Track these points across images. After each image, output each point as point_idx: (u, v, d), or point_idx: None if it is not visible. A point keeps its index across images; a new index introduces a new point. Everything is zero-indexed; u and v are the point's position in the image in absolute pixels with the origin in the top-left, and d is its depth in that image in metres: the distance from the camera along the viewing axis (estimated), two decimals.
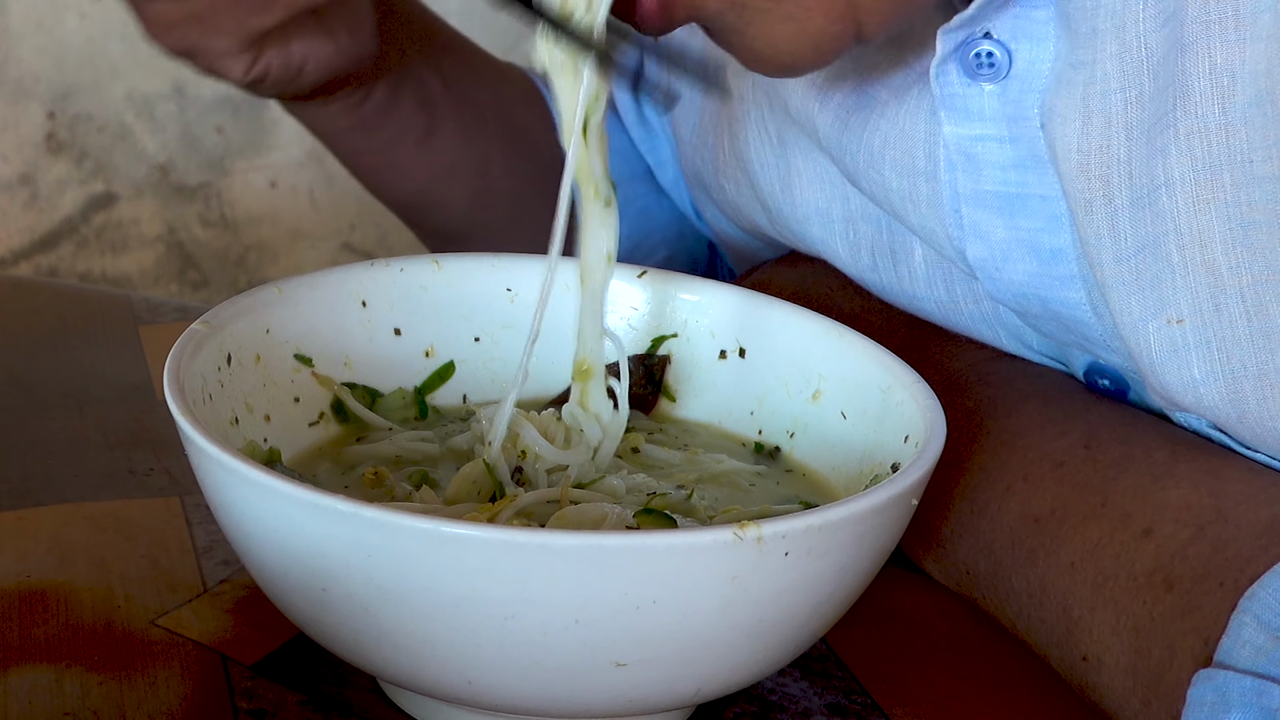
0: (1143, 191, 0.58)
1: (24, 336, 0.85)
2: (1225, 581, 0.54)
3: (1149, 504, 0.58)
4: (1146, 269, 0.58)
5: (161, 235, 2.04)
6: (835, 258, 0.73)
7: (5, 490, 0.69)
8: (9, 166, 1.98)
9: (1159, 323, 0.59)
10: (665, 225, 0.94)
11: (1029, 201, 0.62)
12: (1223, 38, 0.55)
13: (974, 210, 0.64)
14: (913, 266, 0.70)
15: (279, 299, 0.63)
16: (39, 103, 1.97)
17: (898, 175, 0.66)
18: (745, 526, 0.48)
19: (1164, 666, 0.54)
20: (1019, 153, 0.62)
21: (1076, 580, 0.58)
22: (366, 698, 0.57)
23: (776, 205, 0.75)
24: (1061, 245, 0.62)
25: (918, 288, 0.70)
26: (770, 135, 0.74)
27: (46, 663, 0.57)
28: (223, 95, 2.02)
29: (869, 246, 0.71)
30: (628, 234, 0.93)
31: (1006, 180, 0.63)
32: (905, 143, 0.65)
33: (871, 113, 0.67)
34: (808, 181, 0.73)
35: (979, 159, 0.63)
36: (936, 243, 0.66)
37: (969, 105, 0.62)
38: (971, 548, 0.63)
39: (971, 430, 0.64)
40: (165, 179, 2.03)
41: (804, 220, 0.74)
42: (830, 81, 0.68)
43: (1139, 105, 0.58)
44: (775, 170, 0.75)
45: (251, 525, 0.51)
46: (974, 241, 0.64)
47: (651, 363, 0.68)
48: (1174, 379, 0.59)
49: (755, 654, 0.52)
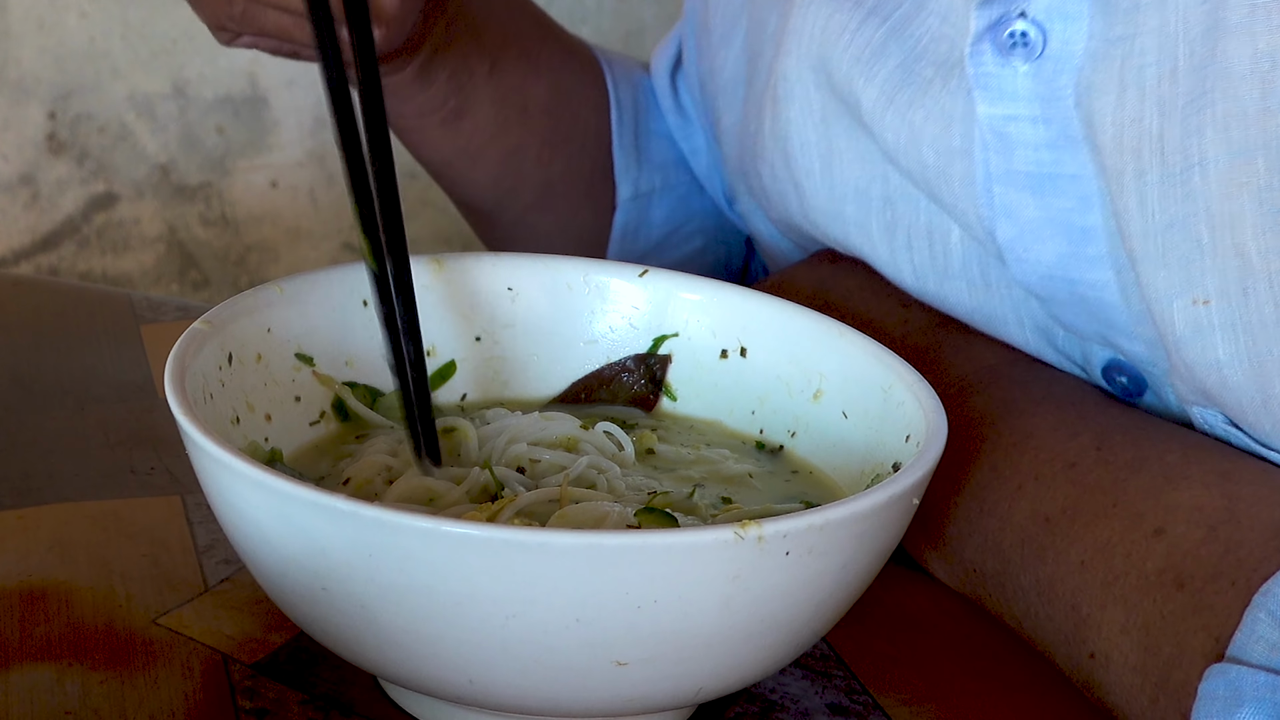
0: (1175, 169, 0.58)
1: (25, 335, 0.85)
2: (1238, 581, 0.54)
3: (1161, 504, 0.58)
4: (1175, 247, 0.59)
5: (162, 235, 2.04)
6: (866, 239, 0.74)
7: (6, 489, 0.69)
8: (9, 166, 1.98)
9: (1184, 302, 0.59)
10: (703, 215, 0.95)
11: (1060, 181, 0.63)
12: (1268, 23, 0.56)
13: (1005, 190, 0.64)
14: (949, 248, 0.70)
15: (280, 298, 0.63)
16: (39, 103, 1.97)
17: (935, 153, 0.66)
18: (746, 526, 0.48)
19: (1173, 664, 0.54)
20: (1051, 132, 0.62)
21: (1086, 578, 0.58)
22: (367, 697, 0.57)
23: (813, 186, 0.76)
24: (1092, 225, 0.62)
25: (952, 269, 0.70)
26: (814, 113, 0.75)
27: (47, 662, 0.57)
28: (223, 95, 2.02)
29: (906, 227, 0.71)
30: (664, 220, 0.94)
31: (1039, 160, 0.63)
32: (944, 120, 0.66)
33: (915, 90, 0.67)
34: (849, 160, 0.73)
35: (1011, 138, 0.63)
36: (967, 223, 0.67)
37: (1003, 85, 0.63)
38: (979, 546, 0.63)
39: (982, 431, 0.64)
40: (166, 179, 2.03)
41: (840, 199, 0.74)
42: (876, 57, 0.69)
43: (1172, 80, 0.58)
44: (815, 149, 0.75)
45: (252, 524, 0.51)
46: (1004, 221, 0.64)
47: (653, 362, 0.68)
48: (1198, 359, 0.59)
49: (756, 653, 0.52)
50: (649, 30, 2.05)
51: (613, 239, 0.93)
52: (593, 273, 0.68)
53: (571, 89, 0.90)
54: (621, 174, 0.92)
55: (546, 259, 0.68)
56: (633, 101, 0.93)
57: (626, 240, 0.93)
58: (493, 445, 0.62)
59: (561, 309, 0.68)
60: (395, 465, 0.60)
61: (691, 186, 0.94)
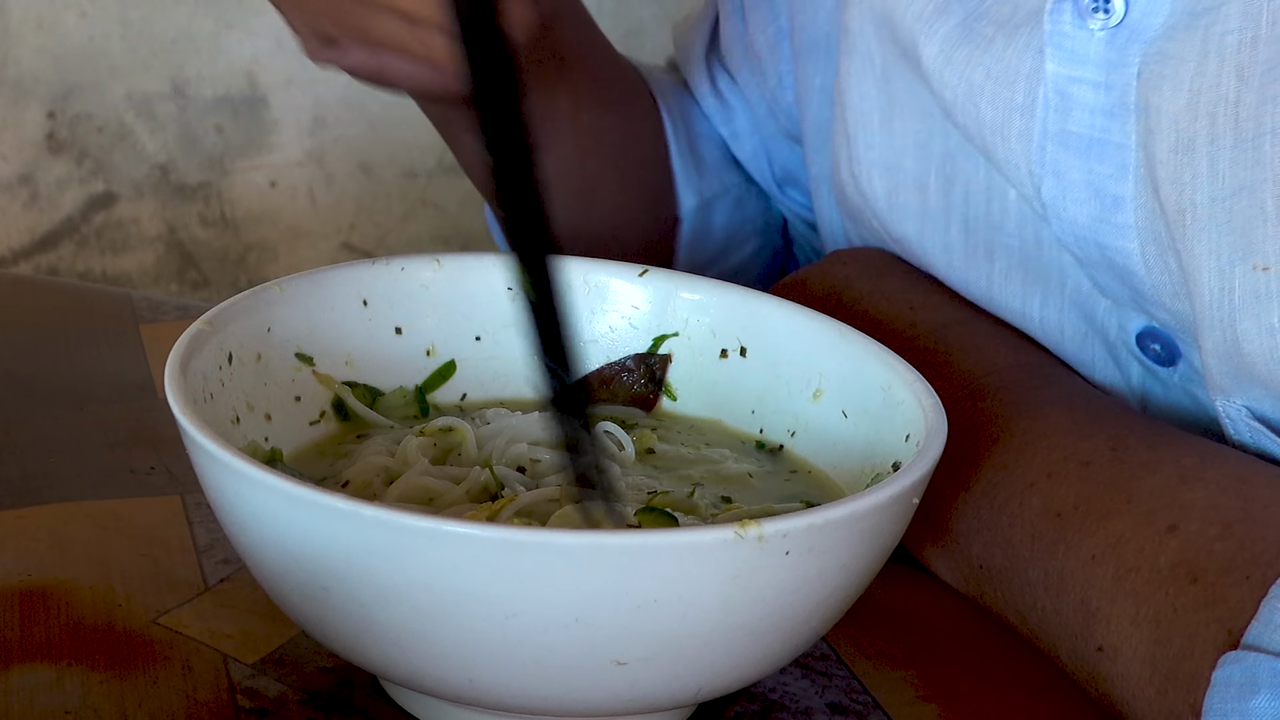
0: (1247, 135, 0.59)
1: (25, 335, 0.85)
2: (1253, 575, 0.54)
3: (1176, 503, 0.58)
4: (1240, 213, 0.60)
5: (161, 235, 2.04)
6: (919, 193, 0.75)
7: (6, 489, 0.69)
8: (9, 166, 1.98)
9: (1245, 268, 0.60)
10: (755, 217, 0.95)
11: (1106, 148, 0.64)
12: None
13: (1057, 149, 0.66)
14: (1005, 205, 0.71)
15: (280, 298, 0.63)
16: (39, 102, 1.97)
17: (993, 109, 0.68)
18: (746, 525, 0.48)
19: (1184, 655, 0.54)
20: (1110, 99, 0.64)
21: (1097, 572, 0.58)
22: (367, 696, 0.57)
23: (869, 139, 0.76)
24: (1123, 194, 0.64)
25: (1007, 227, 0.71)
26: (875, 67, 0.76)
27: (47, 661, 0.57)
28: (222, 95, 2.02)
29: (965, 181, 0.73)
30: (724, 225, 0.94)
31: (1092, 124, 0.65)
32: (1008, 77, 0.67)
33: (975, 48, 0.69)
34: (910, 114, 0.75)
35: (1072, 99, 0.65)
36: (1018, 178, 0.68)
37: (1075, 47, 0.65)
38: (988, 543, 0.63)
39: (993, 432, 0.65)
40: (165, 179, 2.03)
41: (900, 152, 0.75)
42: (938, 15, 0.70)
43: (1253, 48, 0.60)
44: (875, 102, 0.76)
45: (252, 524, 0.51)
46: (1050, 179, 0.66)
47: (653, 361, 0.68)
48: (1251, 326, 0.60)
49: (756, 653, 0.52)
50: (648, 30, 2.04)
51: (680, 250, 0.92)
52: (592, 273, 0.68)
53: (635, 116, 0.90)
54: (684, 185, 0.91)
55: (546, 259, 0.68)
56: (681, 109, 0.92)
57: (694, 251, 0.93)
58: (493, 445, 0.62)
59: None
60: (392, 465, 0.60)
61: (744, 187, 0.94)
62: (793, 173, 0.92)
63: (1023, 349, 0.71)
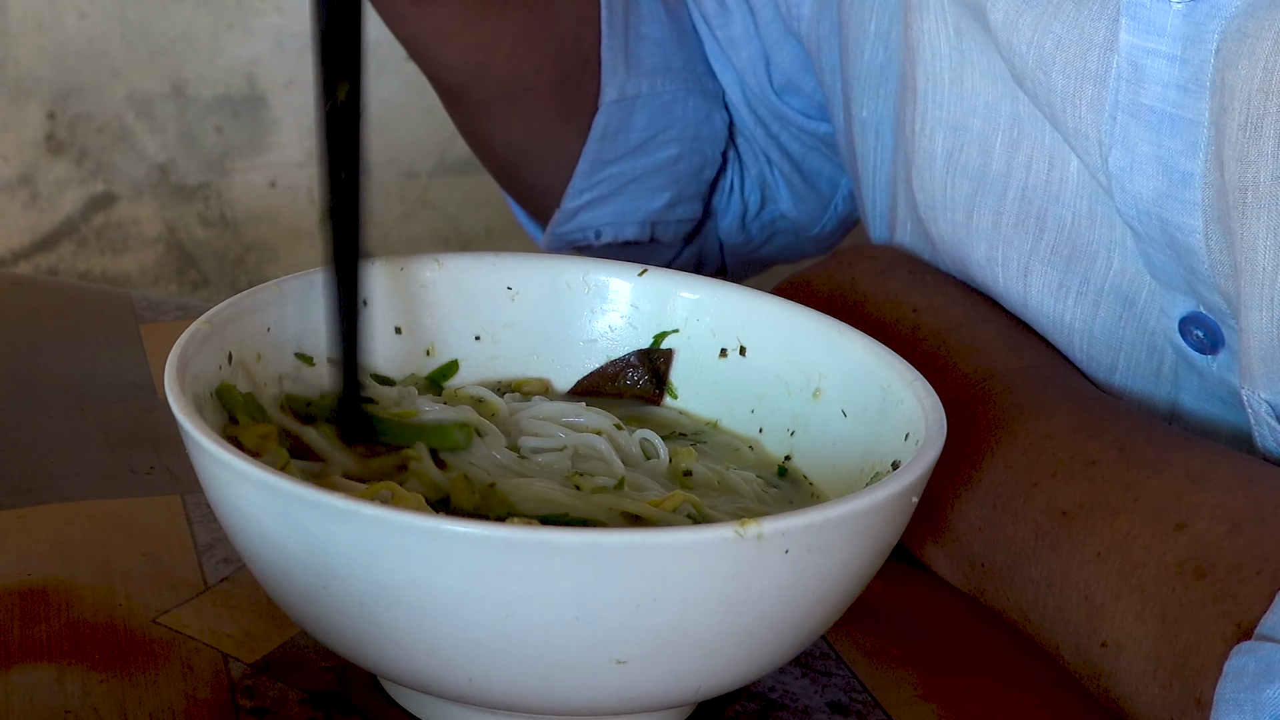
0: None
1: (25, 335, 0.85)
2: (1263, 571, 0.54)
3: (1184, 502, 0.58)
4: None
5: (161, 235, 2.04)
6: (984, 153, 0.74)
7: (6, 488, 0.69)
8: (9, 166, 1.98)
9: None
10: (682, 124, 0.95)
11: (1179, 124, 0.64)
12: None
13: (1127, 120, 0.65)
14: (1066, 174, 0.71)
15: (280, 298, 0.63)
16: (39, 103, 1.97)
17: (1065, 77, 0.67)
18: (746, 524, 0.48)
19: (1191, 650, 0.54)
20: (1185, 74, 0.64)
21: (1102, 569, 0.58)
22: (367, 696, 0.57)
23: (938, 97, 0.76)
24: (1193, 171, 0.64)
25: (1064, 196, 0.71)
26: (948, 25, 0.76)
27: (47, 661, 0.58)
28: (222, 95, 2.02)
29: (1029, 146, 0.72)
30: (644, 126, 0.94)
31: (1165, 98, 0.64)
32: (1081, 46, 0.67)
33: (1043, 15, 0.68)
34: (980, 74, 0.74)
35: (1146, 72, 0.65)
36: (1085, 148, 0.68)
37: (1153, 18, 0.64)
38: (990, 541, 0.63)
39: (998, 433, 0.65)
40: (165, 179, 2.03)
41: (969, 113, 0.75)
42: None
43: None
44: (947, 60, 0.76)
45: (252, 524, 0.51)
46: (1118, 150, 0.66)
47: (656, 356, 0.68)
48: None
49: (756, 651, 0.52)
50: None
51: (590, 139, 0.93)
52: (592, 272, 0.68)
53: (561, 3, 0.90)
54: (608, 76, 0.92)
55: (546, 259, 0.68)
56: (624, 5, 0.93)
57: (605, 141, 0.93)
58: (521, 417, 0.63)
59: (561, 308, 0.68)
60: None
61: (676, 95, 0.94)
62: (793, 79, 0.93)
63: (1027, 351, 0.71)
